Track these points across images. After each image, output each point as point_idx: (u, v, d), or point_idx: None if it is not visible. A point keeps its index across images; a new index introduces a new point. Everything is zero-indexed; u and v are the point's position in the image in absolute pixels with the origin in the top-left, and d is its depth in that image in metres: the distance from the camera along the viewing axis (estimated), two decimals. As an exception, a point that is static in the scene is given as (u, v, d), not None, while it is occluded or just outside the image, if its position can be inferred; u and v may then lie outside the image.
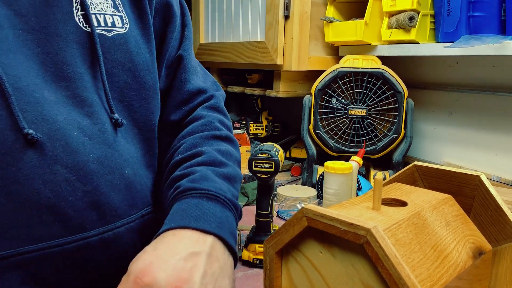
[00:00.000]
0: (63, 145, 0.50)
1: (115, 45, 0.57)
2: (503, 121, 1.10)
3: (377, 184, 0.46)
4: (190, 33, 0.72)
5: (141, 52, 0.60)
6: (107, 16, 0.57)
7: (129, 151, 0.58)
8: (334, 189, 0.83)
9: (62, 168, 0.49)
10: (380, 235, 0.38)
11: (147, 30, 0.62)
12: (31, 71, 0.49)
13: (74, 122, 0.51)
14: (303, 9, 1.25)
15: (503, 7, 0.96)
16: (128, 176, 0.56)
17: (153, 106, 0.62)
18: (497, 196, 0.51)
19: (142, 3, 0.61)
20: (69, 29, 0.52)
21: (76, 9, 0.54)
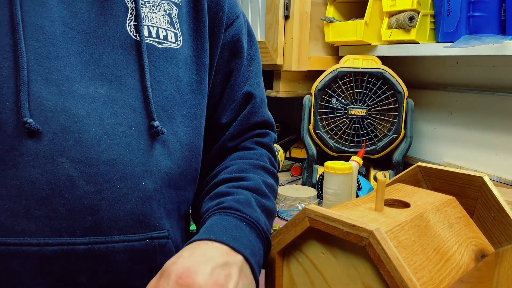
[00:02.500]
0: (75, 138, 0.48)
1: (164, 56, 0.56)
2: (503, 121, 1.10)
3: (380, 185, 0.46)
4: (259, 67, 0.70)
5: (188, 71, 0.59)
6: (160, 30, 0.57)
7: (159, 164, 0.54)
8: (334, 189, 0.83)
9: (67, 161, 0.48)
10: (382, 237, 0.38)
11: (200, 53, 0.61)
12: (69, 66, 0.50)
13: (96, 118, 0.50)
14: (303, 9, 1.25)
15: (503, 7, 0.96)
16: (145, 189, 0.52)
17: (195, 127, 0.59)
18: (500, 197, 0.51)
19: (201, 28, 0.61)
20: (118, 36, 0.53)
21: (130, 19, 0.55)
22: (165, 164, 0.54)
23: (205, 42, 0.61)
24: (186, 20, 0.60)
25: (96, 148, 0.49)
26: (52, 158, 0.47)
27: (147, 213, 0.52)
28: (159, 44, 0.56)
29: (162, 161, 0.54)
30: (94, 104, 0.50)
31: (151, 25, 0.56)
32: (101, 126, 0.50)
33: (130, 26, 0.54)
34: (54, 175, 0.47)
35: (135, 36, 0.54)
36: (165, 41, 0.57)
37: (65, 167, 0.47)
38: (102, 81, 0.51)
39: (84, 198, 0.48)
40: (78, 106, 0.49)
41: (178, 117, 0.57)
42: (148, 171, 0.52)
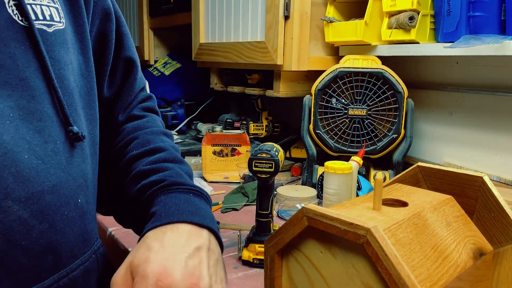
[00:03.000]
0: (13, 173, 0.40)
1: (56, 42, 0.47)
2: (503, 121, 1.10)
3: (377, 184, 0.46)
4: (126, 26, 0.64)
5: (75, 53, 0.51)
6: (44, 8, 0.46)
7: (84, 173, 0.50)
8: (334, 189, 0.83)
9: (14, 203, 0.40)
10: (380, 235, 0.38)
11: (81, 27, 0.52)
12: None
13: (24, 142, 0.42)
14: (303, 9, 1.25)
15: (503, 7, 0.96)
16: (82, 205, 0.49)
17: (94, 116, 0.54)
18: (500, 197, 0.51)
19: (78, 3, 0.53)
20: (2, 23, 0.42)
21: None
22: (86, 171, 0.51)
23: (82, 12, 0.53)
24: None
25: (36, 178, 0.43)
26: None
27: (87, 229, 0.51)
28: (48, 27, 0.47)
29: (84, 169, 0.50)
30: (13, 124, 0.41)
31: (32, 2, 0.45)
32: (31, 150, 0.42)
33: (11, 6, 0.43)
34: (6, 224, 0.40)
35: (21, 21, 0.44)
36: (53, 22, 0.47)
37: (14, 211, 0.41)
38: (8, 90, 0.42)
39: (41, 239, 0.43)
40: (0, 131, 0.40)
41: (80, 110, 0.50)
42: (79, 186, 0.49)
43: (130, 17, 2.27)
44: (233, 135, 1.37)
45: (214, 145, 1.36)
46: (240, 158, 1.37)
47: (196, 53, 1.62)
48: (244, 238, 0.85)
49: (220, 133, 1.36)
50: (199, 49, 1.60)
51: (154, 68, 2.09)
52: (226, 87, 1.61)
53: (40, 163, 0.43)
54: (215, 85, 1.65)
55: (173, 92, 1.96)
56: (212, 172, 1.36)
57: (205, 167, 1.36)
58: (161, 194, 0.52)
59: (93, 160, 0.54)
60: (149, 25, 2.12)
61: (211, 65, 1.61)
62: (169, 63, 2.08)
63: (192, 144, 1.70)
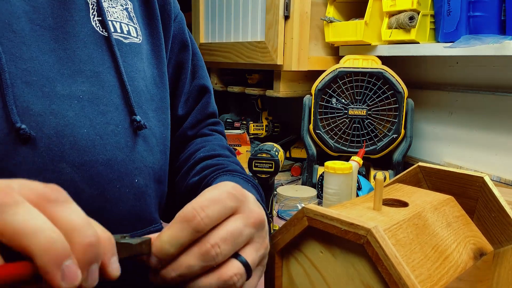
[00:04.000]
0: (71, 142, 0.47)
1: (131, 51, 0.56)
2: (503, 121, 1.10)
3: (378, 184, 0.46)
4: (202, 61, 0.74)
5: (150, 66, 0.60)
6: (123, 25, 0.56)
7: (144, 160, 0.55)
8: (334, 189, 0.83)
9: (67, 166, 0.46)
10: (380, 235, 0.38)
11: (157, 47, 0.61)
12: (45, 65, 0.47)
13: (86, 119, 0.49)
14: (303, 9, 1.25)
15: (503, 7, 0.96)
16: (139, 186, 0.53)
17: (164, 121, 0.60)
18: (500, 197, 0.51)
19: (155, 21, 0.62)
20: (86, 31, 0.51)
21: (93, 14, 0.53)
22: (149, 159, 0.55)
23: (160, 36, 0.62)
24: (140, 15, 0.60)
25: (92, 150, 0.48)
26: (52, 165, 0.45)
27: (143, 209, 0.54)
28: (124, 39, 0.56)
29: (146, 157, 0.55)
30: (80, 104, 0.49)
31: (114, 20, 0.55)
32: (92, 126, 0.49)
33: (95, 21, 0.53)
34: (58, 182, 0.44)
35: (102, 32, 0.53)
36: (129, 36, 0.57)
37: (67, 173, 0.46)
38: (82, 78, 0.50)
39: (90, 203, 0.47)
40: (65, 107, 0.47)
41: (150, 112, 0.57)
42: (138, 168, 0.53)
43: (130, 17, 2.27)
44: (233, 135, 1.37)
45: (214, 145, 1.36)
46: (240, 158, 1.37)
47: (196, 53, 1.62)
48: (244, 238, 0.85)
49: (220, 133, 1.36)
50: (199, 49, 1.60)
51: (154, 68, 2.09)
52: (226, 87, 1.61)
53: (98, 138, 0.49)
54: (215, 85, 1.65)
55: (173, 92, 1.95)
56: (212, 172, 1.36)
57: (205, 167, 1.36)
58: (223, 175, 0.57)
59: (161, 156, 0.59)
60: (149, 25, 2.12)
61: (211, 65, 1.61)
62: (169, 63, 2.08)
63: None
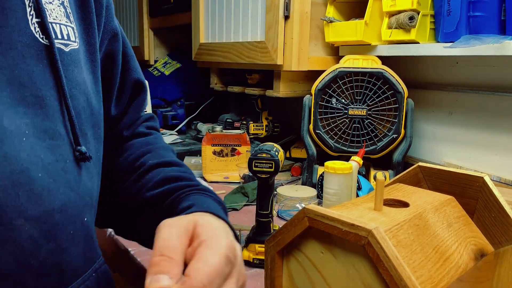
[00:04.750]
0: (27, 192, 0.40)
1: (72, 62, 0.48)
2: (503, 121, 1.10)
3: (379, 185, 0.46)
4: (131, 48, 0.66)
5: (87, 72, 0.52)
6: (62, 27, 0.47)
7: (90, 192, 0.50)
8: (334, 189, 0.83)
9: (26, 222, 0.40)
10: (381, 236, 0.38)
11: (92, 47, 0.53)
12: None
13: (38, 160, 0.42)
14: (303, 9, 1.25)
15: (503, 7, 0.96)
16: (87, 224, 0.49)
17: (100, 135, 0.55)
18: (500, 197, 0.51)
19: (89, 14, 0.53)
20: (25, 40, 0.43)
21: (31, 15, 0.44)
22: (93, 190, 0.51)
23: (94, 32, 0.53)
24: (74, 7, 0.51)
25: (48, 197, 0.43)
26: (11, 223, 0.39)
27: (91, 248, 0.50)
28: (65, 46, 0.47)
29: (90, 188, 0.50)
30: (29, 141, 0.41)
31: (53, 21, 0.46)
32: (44, 168, 0.43)
33: (33, 24, 0.44)
34: (17, 243, 0.40)
35: (41, 39, 0.44)
36: (69, 42, 0.48)
37: (26, 230, 0.40)
38: (24, 107, 0.42)
39: (48, 259, 0.43)
40: (17, 148, 0.40)
41: (88, 131, 0.51)
42: (86, 204, 0.48)
43: (130, 17, 2.27)
44: (233, 135, 1.37)
45: (214, 145, 1.36)
46: (240, 158, 1.37)
47: (196, 53, 1.62)
48: (244, 238, 0.85)
49: (220, 133, 1.36)
50: (199, 49, 1.60)
51: (154, 68, 2.09)
52: (226, 87, 1.61)
53: (52, 181, 0.43)
54: (215, 85, 1.65)
55: (173, 92, 1.96)
56: (212, 172, 1.36)
57: (205, 167, 1.36)
58: (194, 194, 0.54)
59: (98, 178, 0.54)
60: (149, 25, 2.12)
61: (211, 65, 1.61)
62: (169, 63, 2.08)
63: (192, 144, 1.70)
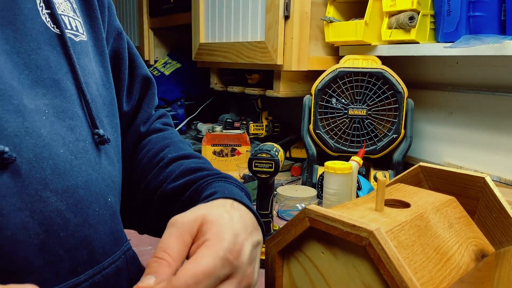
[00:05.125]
0: (51, 166, 0.41)
1: (82, 51, 0.50)
2: (503, 121, 1.10)
3: (380, 185, 0.46)
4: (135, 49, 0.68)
5: (97, 65, 0.54)
6: (70, 19, 0.50)
7: (111, 174, 0.51)
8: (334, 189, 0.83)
9: (52, 194, 0.41)
10: (382, 237, 0.38)
11: (99, 42, 0.55)
12: (5, 71, 0.41)
13: (59, 137, 0.43)
14: (303, 9, 1.25)
15: (503, 7, 0.96)
16: (112, 205, 0.50)
17: (116, 126, 0.56)
18: (501, 198, 0.51)
19: (93, 10, 0.55)
20: (37, 28, 0.45)
21: (41, 6, 0.46)
22: (113, 174, 0.52)
23: (100, 29, 0.55)
24: (78, 4, 0.54)
25: (71, 173, 0.44)
26: (37, 195, 0.40)
27: (118, 229, 0.51)
28: (75, 37, 0.49)
29: (111, 171, 0.51)
30: (49, 120, 0.43)
31: (61, 13, 0.48)
32: (65, 145, 0.44)
33: (44, 15, 0.46)
34: (45, 214, 0.41)
35: (53, 28, 0.46)
36: (78, 33, 0.50)
37: (53, 202, 0.41)
38: (42, 88, 0.43)
39: (76, 232, 0.44)
40: (38, 125, 0.41)
41: (104, 118, 0.52)
42: (108, 185, 0.49)
43: (130, 17, 2.27)
44: (233, 135, 1.37)
45: (214, 145, 1.36)
46: (240, 158, 1.37)
47: (196, 53, 1.62)
48: (245, 239, 0.85)
49: (220, 133, 1.36)
50: (199, 49, 1.60)
51: (154, 68, 2.09)
52: (226, 87, 1.61)
53: (73, 158, 0.44)
54: (215, 85, 1.65)
55: (173, 92, 1.96)
56: (212, 172, 1.36)
57: (205, 167, 1.36)
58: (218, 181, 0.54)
59: (119, 165, 0.55)
60: (149, 25, 2.12)
61: (211, 65, 1.61)
62: (169, 63, 2.08)
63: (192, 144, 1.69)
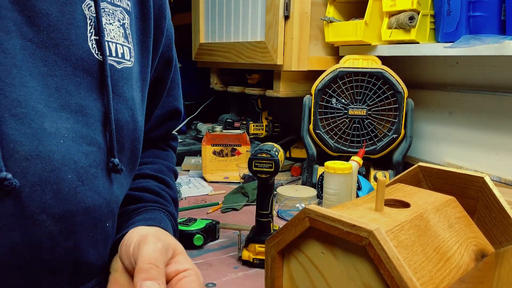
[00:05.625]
0: (54, 190, 0.42)
1: (123, 78, 0.51)
2: (503, 121, 1.10)
3: (380, 185, 0.46)
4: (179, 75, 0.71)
5: (137, 90, 0.55)
6: (118, 46, 0.51)
7: (118, 199, 0.52)
8: (334, 189, 0.83)
9: (48, 218, 0.42)
10: (382, 237, 0.38)
11: (145, 68, 0.57)
12: (34, 94, 0.42)
13: (71, 162, 0.44)
14: (303, 9, 1.25)
15: (503, 7, 0.96)
16: (109, 229, 0.50)
17: (138, 150, 0.57)
18: (501, 197, 0.51)
19: (147, 38, 0.56)
20: (80, 54, 0.46)
21: (90, 32, 0.47)
22: (120, 197, 0.53)
23: (149, 55, 0.57)
24: (135, 30, 0.55)
25: (73, 198, 0.44)
26: (32, 217, 0.41)
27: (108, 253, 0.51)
28: (118, 64, 0.51)
29: (119, 196, 0.52)
30: (65, 144, 0.44)
31: (110, 40, 0.50)
32: (76, 170, 0.45)
33: (91, 41, 0.47)
34: (35, 236, 0.41)
35: (97, 55, 0.47)
36: (123, 60, 0.52)
37: (46, 226, 0.42)
38: (67, 112, 0.45)
39: (64, 256, 0.44)
40: (53, 148, 0.43)
41: (128, 143, 0.53)
42: (110, 211, 0.50)
43: (129, 16, 2.26)
44: (233, 135, 1.37)
45: (214, 145, 1.36)
46: (240, 158, 1.37)
47: (196, 53, 1.62)
48: (244, 238, 0.85)
49: (220, 133, 1.36)
50: (199, 49, 1.60)
51: (153, 68, 2.09)
52: (226, 87, 1.61)
53: (80, 184, 0.45)
54: (215, 85, 1.65)
55: (173, 92, 1.95)
56: (212, 172, 1.36)
57: (205, 167, 1.36)
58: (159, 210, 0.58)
59: (127, 188, 0.56)
60: (149, 25, 2.12)
61: (211, 65, 1.61)
62: (169, 62, 2.08)
63: (192, 144, 1.70)
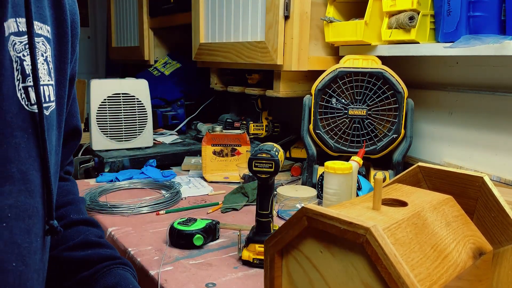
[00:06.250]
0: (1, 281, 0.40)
1: (52, 125, 0.46)
2: (503, 121, 1.10)
3: (377, 184, 0.46)
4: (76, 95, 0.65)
5: (58, 129, 0.50)
6: (45, 88, 0.45)
7: (45, 265, 0.49)
8: (334, 189, 0.83)
9: None
10: (379, 234, 0.38)
11: (62, 99, 0.51)
12: None
13: (15, 247, 0.41)
14: (303, 9, 1.25)
15: (503, 7, 0.96)
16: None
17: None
18: (500, 197, 0.51)
19: (65, 65, 0.50)
20: (13, 110, 0.40)
21: (18, 79, 0.41)
22: (46, 261, 0.50)
23: (66, 84, 0.51)
24: (53, 59, 0.49)
25: (18, 285, 0.42)
26: None
27: None
28: (46, 110, 0.45)
29: (46, 260, 0.50)
30: (8, 227, 0.40)
31: (42, 84, 0.44)
32: (19, 255, 0.41)
33: (20, 90, 0.41)
34: None
35: (27, 106, 0.41)
36: (50, 103, 0.46)
37: None
38: (10, 184, 0.40)
39: None
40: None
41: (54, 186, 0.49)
42: (42, 281, 0.48)
43: (130, 17, 2.27)
44: (233, 135, 1.37)
45: (214, 145, 1.36)
46: (240, 158, 1.37)
47: (196, 53, 1.62)
48: (244, 238, 0.85)
49: (220, 133, 1.36)
50: (199, 49, 1.60)
51: (154, 68, 2.09)
52: (226, 87, 1.61)
53: (24, 268, 0.42)
54: (215, 85, 1.65)
55: (173, 92, 1.96)
56: (212, 172, 1.36)
57: (205, 167, 1.36)
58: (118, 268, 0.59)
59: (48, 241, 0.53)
60: (149, 25, 2.12)
61: (211, 65, 1.61)
62: (169, 63, 2.08)
63: (192, 144, 1.70)
